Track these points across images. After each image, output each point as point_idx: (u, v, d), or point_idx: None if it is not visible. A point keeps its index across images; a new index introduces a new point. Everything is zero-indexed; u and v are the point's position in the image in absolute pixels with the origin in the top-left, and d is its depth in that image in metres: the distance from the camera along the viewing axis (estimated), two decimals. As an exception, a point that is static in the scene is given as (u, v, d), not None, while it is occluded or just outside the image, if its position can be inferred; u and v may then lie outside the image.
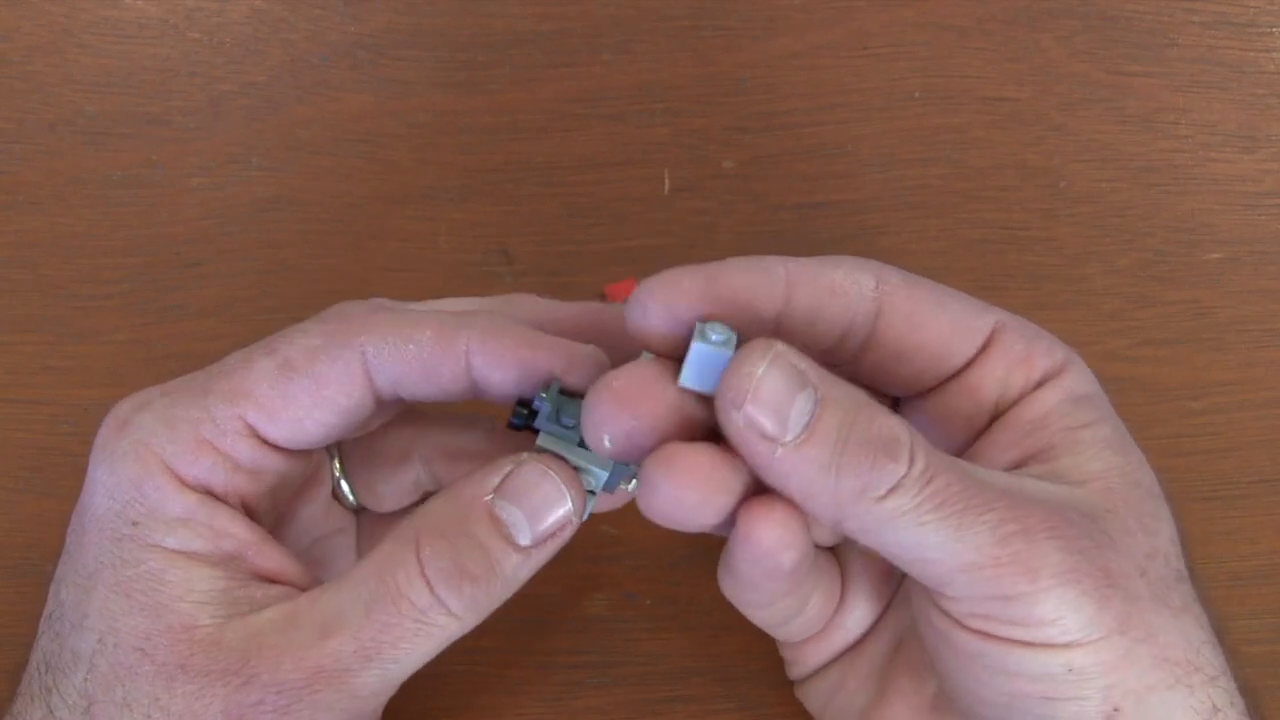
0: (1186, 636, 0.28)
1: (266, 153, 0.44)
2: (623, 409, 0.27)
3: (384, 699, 0.30)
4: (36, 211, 0.43)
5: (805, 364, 0.27)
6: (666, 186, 0.45)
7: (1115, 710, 0.27)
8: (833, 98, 0.46)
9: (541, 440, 0.30)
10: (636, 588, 0.40)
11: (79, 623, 0.29)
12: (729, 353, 0.27)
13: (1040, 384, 0.30)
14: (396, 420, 0.35)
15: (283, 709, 0.28)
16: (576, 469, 0.30)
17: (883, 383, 0.32)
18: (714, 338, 0.27)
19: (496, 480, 0.29)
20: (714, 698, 0.39)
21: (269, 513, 0.32)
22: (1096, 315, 0.43)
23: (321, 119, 0.45)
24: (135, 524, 0.29)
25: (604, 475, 0.30)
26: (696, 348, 0.27)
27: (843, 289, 0.30)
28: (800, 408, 0.26)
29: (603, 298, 0.42)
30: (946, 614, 0.28)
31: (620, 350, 0.31)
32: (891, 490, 0.26)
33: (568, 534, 0.30)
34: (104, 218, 0.43)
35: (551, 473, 0.29)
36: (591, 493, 0.31)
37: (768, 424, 0.26)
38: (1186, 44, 0.47)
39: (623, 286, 0.42)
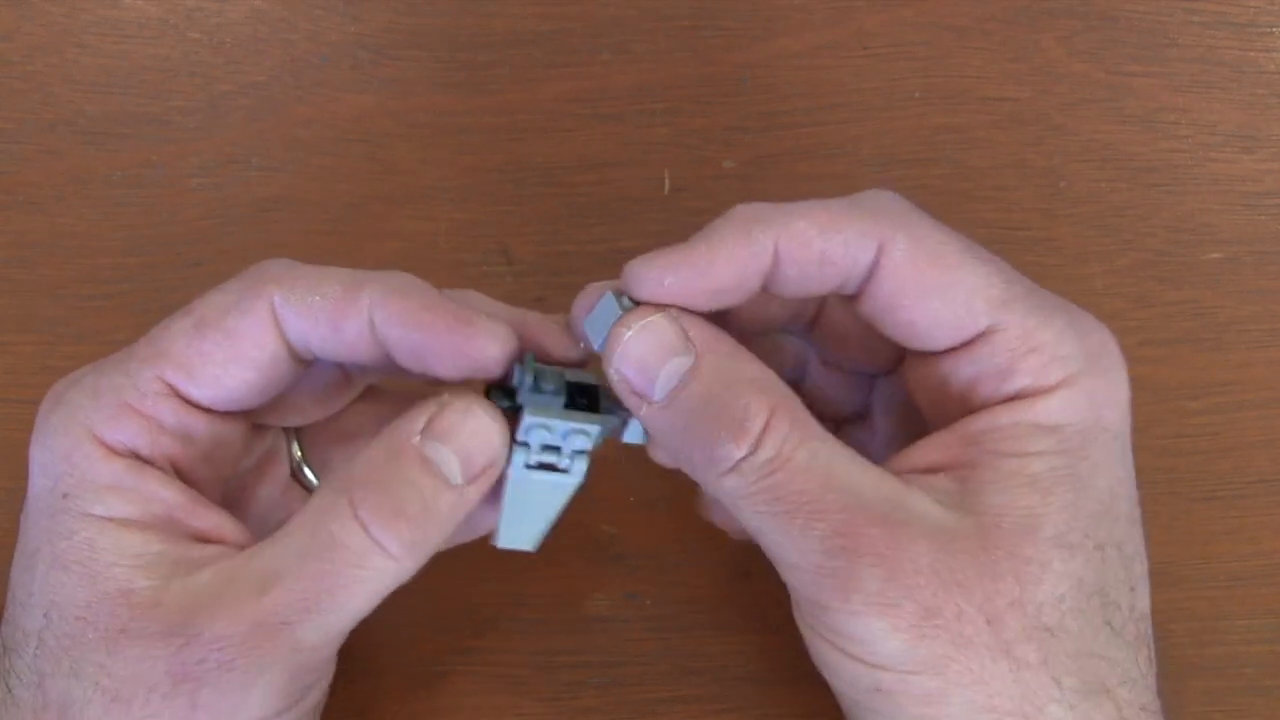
0: (1026, 691, 0.27)
1: (266, 153, 0.44)
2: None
3: (331, 650, 0.31)
4: (36, 211, 0.43)
5: (697, 329, 0.29)
6: (666, 186, 0.45)
7: None
8: (833, 98, 0.46)
9: (529, 411, 0.30)
10: (636, 588, 0.40)
11: (26, 601, 0.30)
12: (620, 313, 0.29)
13: (1015, 398, 0.29)
14: (353, 400, 0.36)
15: (226, 664, 0.28)
16: (569, 431, 0.30)
17: (875, 327, 0.31)
18: (624, 300, 0.29)
19: (423, 421, 0.29)
20: (714, 698, 0.39)
21: (211, 482, 0.32)
22: (1096, 315, 0.43)
23: (321, 119, 0.45)
24: (66, 496, 0.29)
25: (596, 430, 0.30)
26: (603, 302, 0.30)
27: (833, 259, 0.29)
28: (670, 371, 0.28)
29: (603, 298, 0.42)
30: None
31: (547, 357, 0.32)
32: (729, 470, 0.28)
33: (498, 470, 0.30)
34: (104, 218, 0.43)
35: (475, 408, 0.29)
36: (582, 453, 0.31)
37: (635, 382, 0.29)
38: (1186, 44, 0.47)
39: (623, 286, 0.42)
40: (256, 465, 0.35)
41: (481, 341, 0.29)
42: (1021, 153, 0.45)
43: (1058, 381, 0.29)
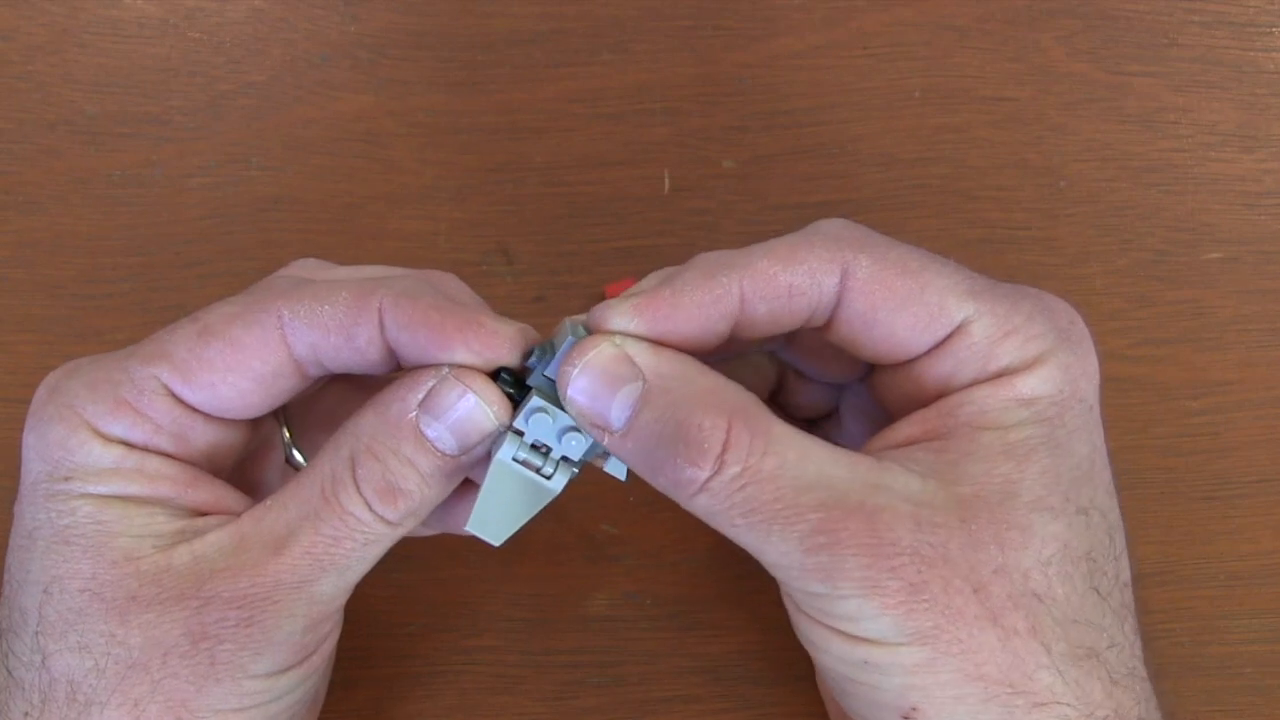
0: (1015, 659, 0.28)
1: (266, 153, 0.44)
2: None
3: (342, 600, 0.32)
4: (36, 211, 0.43)
5: (645, 354, 0.29)
6: (666, 186, 0.45)
7: (913, 709, 0.28)
8: (833, 98, 0.46)
9: (536, 394, 0.30)
10: (636, 588, 0.40)
11: (24, 579, 0.30)
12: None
13: (995, 377, 0.30)
14: (334, 381, 0.36)
15: (246, 620, 0.29)
16: (568, 429, 0.30)
17: (848, 351, 0.32)
18: (580, 331, 0.30)
19: (420, 396, 0.30)
20: (714, 698, 0.39)
21: (212, 471, 0.33)
22: (1096, 315, 0.43)
23: (321, 119, 0.45)
24: (68, 479, 0.30)
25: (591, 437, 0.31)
26: (567, 341, 0.29)
27: (801, 290, 0.30)
28: (623, 400, 0.29)
29: (603, 297, 0.42)
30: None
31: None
32: (699, 491, 0.28)
33: (491, 439, 0.31)
34: (104, 218, 0.43)
35: (470, 391, 0.30)
36: (567, 460, 0.31)
37: (591, 414, 0.29)
38: (1186, 44, 0.47)
39: (622, 286, 0.42)
40: (258, 451, 0.36)
41: (491, 340, 0.30)
42: (1021, 152, 0.45)
43: (1035, 358, 0.30)
